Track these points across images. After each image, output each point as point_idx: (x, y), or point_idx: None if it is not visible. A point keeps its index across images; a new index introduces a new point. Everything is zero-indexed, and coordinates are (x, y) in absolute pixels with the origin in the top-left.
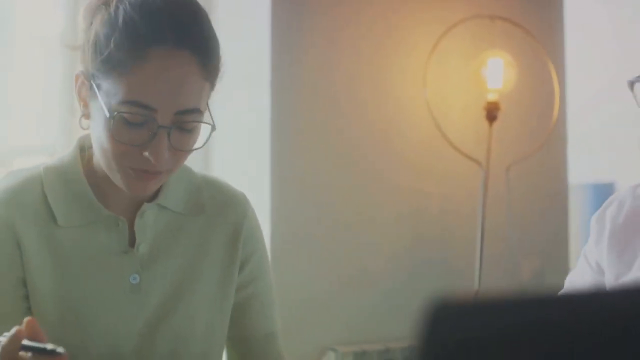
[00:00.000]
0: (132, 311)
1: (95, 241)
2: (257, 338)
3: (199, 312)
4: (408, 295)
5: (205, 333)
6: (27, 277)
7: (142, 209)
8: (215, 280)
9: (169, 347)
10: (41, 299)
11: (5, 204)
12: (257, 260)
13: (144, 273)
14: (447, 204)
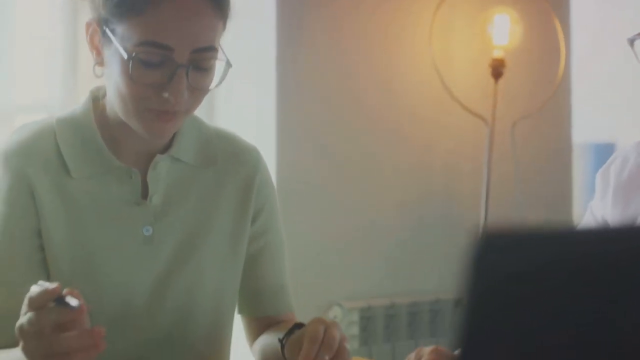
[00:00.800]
0: (144, 263)
1: (108, 193)
2: (268, 290)
3: (211, 263)
4: (413, 250)
5: (217, 285)
6: (42, 227)
7: (155, 160)
8: (228, 232)
9: (180, 300)
10: (55, 249)
11: (18, 155)
12: (269, 212)
13: (157, 225)
14: (452, 159)
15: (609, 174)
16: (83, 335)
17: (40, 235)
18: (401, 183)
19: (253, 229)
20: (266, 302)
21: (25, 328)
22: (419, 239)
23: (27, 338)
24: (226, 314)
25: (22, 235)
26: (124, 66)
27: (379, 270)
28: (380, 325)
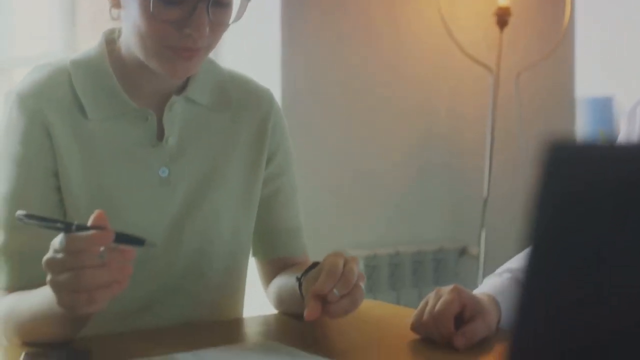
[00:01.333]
0: (161, 205)
1: (124, 134)
2: (283, 232)
3: (227, 205)
4: (417, 199)
5: (232, 227)
6: (59, 168)
7: (171, 101)
8: (243, 174)
9: (196, 242)
10: (72, 191)
11: (34, 96)
12: (283, 154)
13: (173, 166)
14: (457, 108)
15: (635, 114)
16: (112, 271)
17: (57, 176)
18: (405, 132)
19: (268, 170)
20: (281, 244)
21: (56, 259)
22: (423, 187)
23: (55, 270)
24: (241, 256)
25: (38, 177)
26: (144, 4)
27: (384, 219)
28: (384, 273)
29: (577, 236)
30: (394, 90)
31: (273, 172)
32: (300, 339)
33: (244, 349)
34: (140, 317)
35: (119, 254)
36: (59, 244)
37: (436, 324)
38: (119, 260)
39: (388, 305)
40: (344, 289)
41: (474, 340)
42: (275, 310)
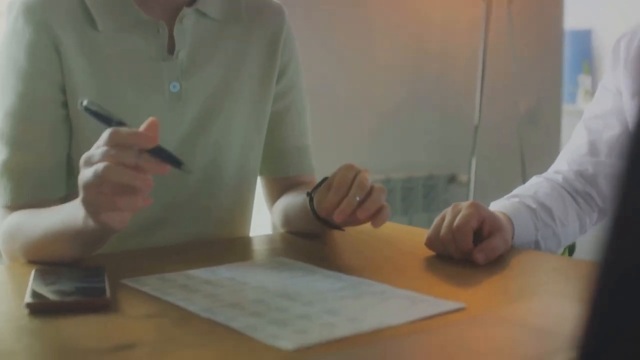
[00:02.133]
0: (172, 120)
1: (135, 47)
2: (291, 150)
3: (238, 121)
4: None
5: (243, 143)
6: (67, 82)
7: (181, 14)
8: (254, 89)
9: (207, 158)
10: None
11: (41, 6)
12: (294, 69)
13: (184, 81)
14: (449, 36)
15: (619, 47)
16: (142, 177)
17: (64, 91)
18: (397, 60)
19: (278, 86)
20: (288, 162)
21: (93, 153)
22: (414, 115)
23: (89, 163)
24: (251, 173)
25: (45, 91)
26: None
27: (374, 146)
28: None
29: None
30: (387, 19)
31: (284, 88)
32: (310, 256)
33: (258, 265)
34: (151, 234)
35: (154, 164)
36: (102, 139)
37: (455, 239)
38: (151, 168)
39: (399, 226)
40: (360, 194)
41: (493, 256)
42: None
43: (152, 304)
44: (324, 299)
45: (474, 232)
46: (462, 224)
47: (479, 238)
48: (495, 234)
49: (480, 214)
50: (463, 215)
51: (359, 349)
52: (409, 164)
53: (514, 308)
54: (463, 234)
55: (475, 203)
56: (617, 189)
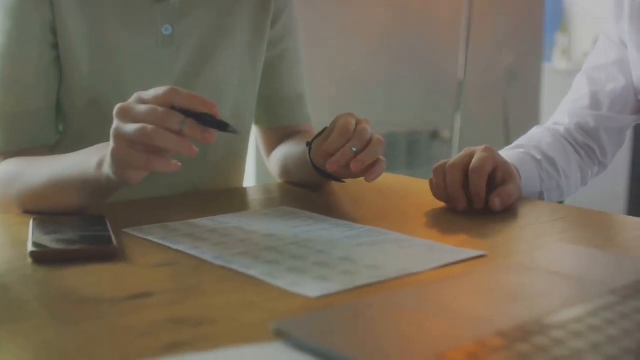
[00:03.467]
0: (165, 64)
1: None
2: (287, 98)
3: (232, 66)
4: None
5: (236, 89)
6: (57, 23)
7: None
8: (247, 34)
9: None
10: (71, 47)
11: None
12: (288, 16)
13: (176, 24)
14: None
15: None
16: (183, 142)
17: (54, 32)
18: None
19: (273, 32)
20: (285, 111)
21: (136, 107)
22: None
23: (127, 117)
24: (246, 119)
25: (35, 32)
26: None
27: (356, 102)
28: None
29: None
30: None
31: (278, 35)
32: (312, 206)
33: (262, 214)
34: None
35: (199, 131)
36: (154, 93)
37: (470, 180)
38: (197, 136)
39: (401, 177)
40: (358, 145)
41: (509, 203)
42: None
43: (162, 253)
44: (338, 247)
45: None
46: (478, 166)
47: (491, 184)
48: (508, 180)
49: (495, 158)
50: (479, 158)
51: (381, 296)
52: (391, 120)
53: (535, 256)
54: (479, 176)
55: (489, 147)
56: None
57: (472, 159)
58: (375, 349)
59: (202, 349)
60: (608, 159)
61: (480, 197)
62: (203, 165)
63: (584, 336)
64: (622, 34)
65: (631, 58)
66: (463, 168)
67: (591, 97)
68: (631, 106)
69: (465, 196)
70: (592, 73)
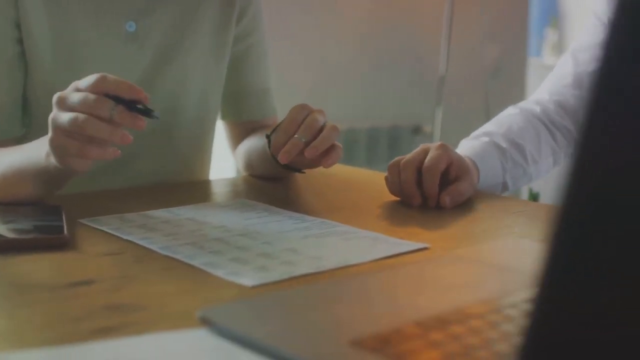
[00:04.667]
0: (129, 61)
1: None
2: (253, 93)
3: (196, 63)
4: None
5: (202, 86)
6: (22, 19)
7: None
8: (213, 30)
9: (166, 100)
10: (36, 42)
11: None
12: (254, 11)
13: (140, 21)
14: None
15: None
16: (115, 130)
17: (18, 27)
18: (363, 10)
19: (238, 28)
20: (250, 105)
21: (70, 96)
22: (380, 65)
23: (63, 106)
24: (210, 116)
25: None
26: None
27: (339, 96)
28: None
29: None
30: None
31: (244, 31)
32: (273, 199)
33: (218, 206)
34: (109, 177)
35: (129, 118)
36: (86, 82)
37: (423, 180)
38: (127, 123)
39: (363, 170)
40: (307, 135)
41: (460, 200)
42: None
43: (111, 243)
44: (285, 239)
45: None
46: (431, 165)
47: (445, 181)
48: (462, 177)
49: (449, 155)
50: (432, 157)
51: (318, 285)
52: (373, 115)
53: (477, 249)
54: (432, 175)
55: (443, 145)
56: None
57: (426, 156)
58: (293, 337)
59: (128, 334)
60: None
61: (433, 196)
62: (167, 157)
63: (499, 326)
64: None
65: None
66: (417, 166)
67: (575, 76)
68: None
69: (419, 193)
70: (577, 54)
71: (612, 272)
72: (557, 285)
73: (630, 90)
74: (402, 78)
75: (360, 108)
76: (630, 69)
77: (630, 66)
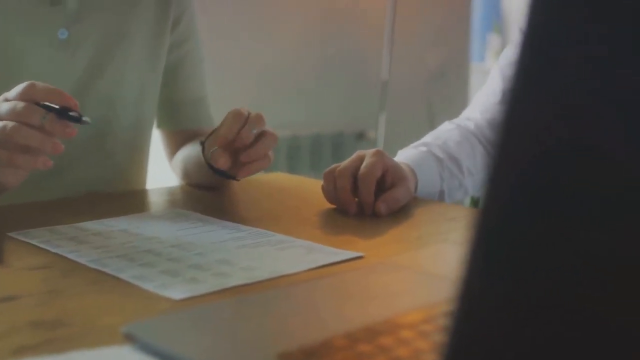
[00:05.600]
0: (62, 69)
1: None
2: (188, 101)
3: (131, 70)
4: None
5: (136, 93)
6: None
7: None
8: (147, 38)
9: (100, 109)
10: None
11: None
12: (189, 19)
13: (73, 28)
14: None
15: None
16: (46, 139)
17: None
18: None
19: (173, 36)
20: (186, 114)
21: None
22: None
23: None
24: (146, 124)
25: None
26: None
27: (282, 102)
28: (283, 155)
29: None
30: None
31: (179, 39)
32: (209, 208)
33: (153, 216)
34: (42, 187)
35: (59, 126)
36: (16, 91)
37: (358, 188)
38: (57, 131)
39: (299, 177)
40: (258, 126)
41: (396, 207)
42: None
43: (40, 256)
44: (218, 249)
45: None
46: (366, 172)
47: (381, 188)
48: (397, 184)
49: (384, 162)
50: (367, 164)
51: (250, 296)
52: (317, 121)
53: (412, 256)
54: (367, 183)
55: (379, 151)
56: (493, 150)
57: (362, 163)
58: (220, 351)
59: (51, 352)
60: None
61: (369, 203)
62: (102, 166)
63: (429, 336)
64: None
65: None
66: (352, 173)
67: (503, 93)
68: None
69: (355, 201)
70: (506, 69)
71: (532, 275)
72: (475, 292)
73: (546, 83)
74: (345, 84)
75: (303, 114)
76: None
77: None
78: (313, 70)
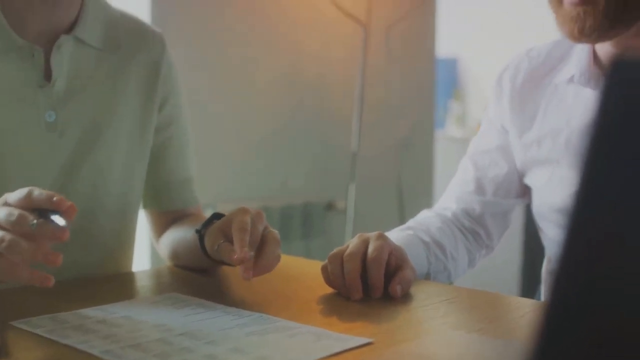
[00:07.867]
0: (49, 151)
1: (9, 72)
2: (175, 183)
3: (117, 153)
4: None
5: (123, 175)
6: None
7: (59, 41)
8: (134, 119)
9: (86, 192)
10: None
11: None
12: (176, 100)
13: (60, 110)
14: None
15: (502, 81)
16: (38, 249)
17: None
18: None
19: (160, 118)
20: (173, 195)
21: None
22: (292, 141)
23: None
24: (132, 206)
25: None
26: None
27: (252, 175)
28: None
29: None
30: (265, 45)
31: (165, 120)
32: (202, 292)
33: (152, 302)
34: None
35: (49, 232)
36: (13, 196)
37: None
38: (45, 236)
39: (296, 259)
40: (262, 225)
41: (408, 288)
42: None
43: (48, 347)
44: (228, 337)
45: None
46: (376, 256)
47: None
48: (403, 265)
49: (389, 245)
50: (375, 247)
51: None
52: (286, 192)
53: (420, 342)
54: (377, 266)
55: (382, 234)
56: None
57: (366, 247)
58: None
59: None
60: (494, 242)
61: (379, 287)
62: (89, 248)
63: None
64: (502, 120)
65: (513, 143)
66: (361, 257)
67: (476, 182)
68: (515, 190)
69: (361, 286)
70: (476, 158)
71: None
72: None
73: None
74: (315, 154)
75: (272, 186)
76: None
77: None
78: (281, 141)
